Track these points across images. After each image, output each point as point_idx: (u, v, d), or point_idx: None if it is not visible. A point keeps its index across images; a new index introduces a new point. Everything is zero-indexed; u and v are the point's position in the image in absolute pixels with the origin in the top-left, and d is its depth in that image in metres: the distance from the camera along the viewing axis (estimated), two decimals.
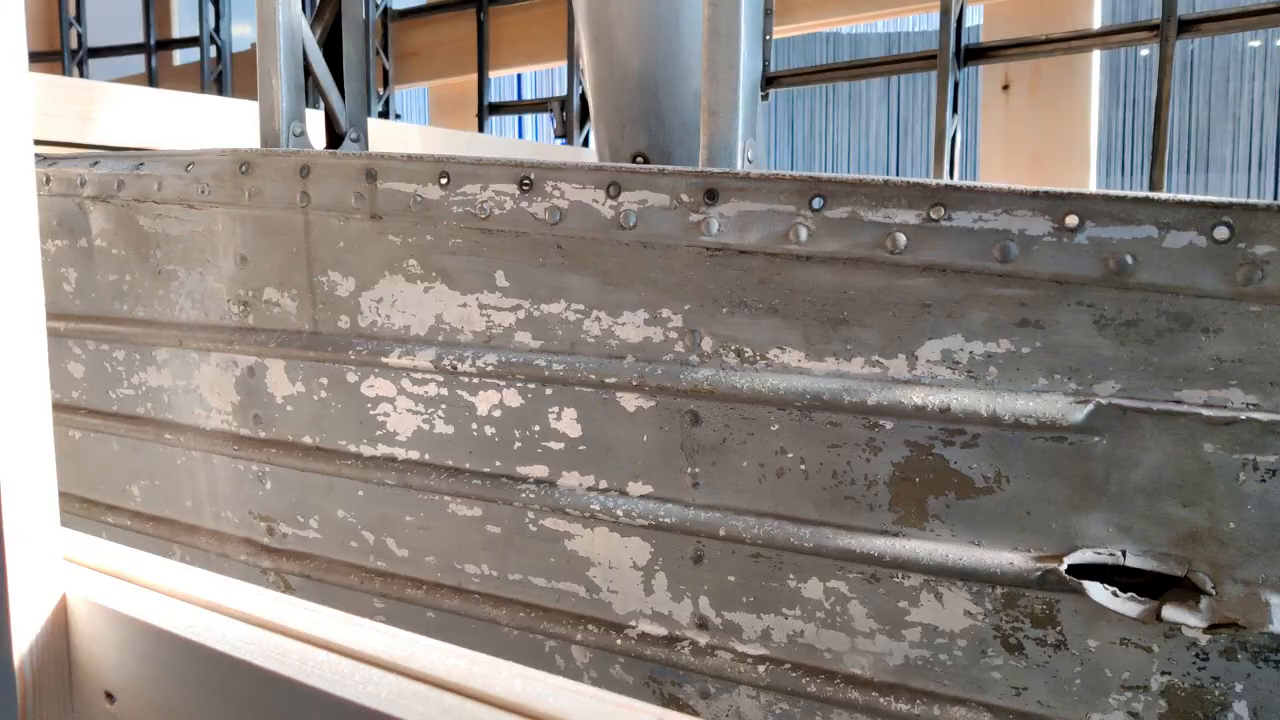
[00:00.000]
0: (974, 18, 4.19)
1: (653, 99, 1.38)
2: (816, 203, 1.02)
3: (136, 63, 6.87)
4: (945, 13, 3.48)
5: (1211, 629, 0.92)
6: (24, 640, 0.80)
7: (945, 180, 1.00)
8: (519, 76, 9.66)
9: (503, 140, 4.66)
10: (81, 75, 6.78)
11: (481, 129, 5.00)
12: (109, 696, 0.80)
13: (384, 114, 5.35)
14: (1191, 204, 0.88)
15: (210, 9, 6.12)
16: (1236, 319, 0.88)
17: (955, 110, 3.56)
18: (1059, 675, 0.99)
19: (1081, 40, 3.49)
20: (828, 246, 1.02)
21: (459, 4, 5.21)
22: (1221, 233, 0.87)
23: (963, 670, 1.03)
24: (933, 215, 0.97)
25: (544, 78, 9.77)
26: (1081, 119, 3.74)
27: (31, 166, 0.71)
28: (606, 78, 1.40)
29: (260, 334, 1.42)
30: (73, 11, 6.80)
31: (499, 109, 5.15)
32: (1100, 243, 0.92)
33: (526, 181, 1.17)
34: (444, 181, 1.22)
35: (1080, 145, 3.76)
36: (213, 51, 6.20)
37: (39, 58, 7.24)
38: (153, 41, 6.70)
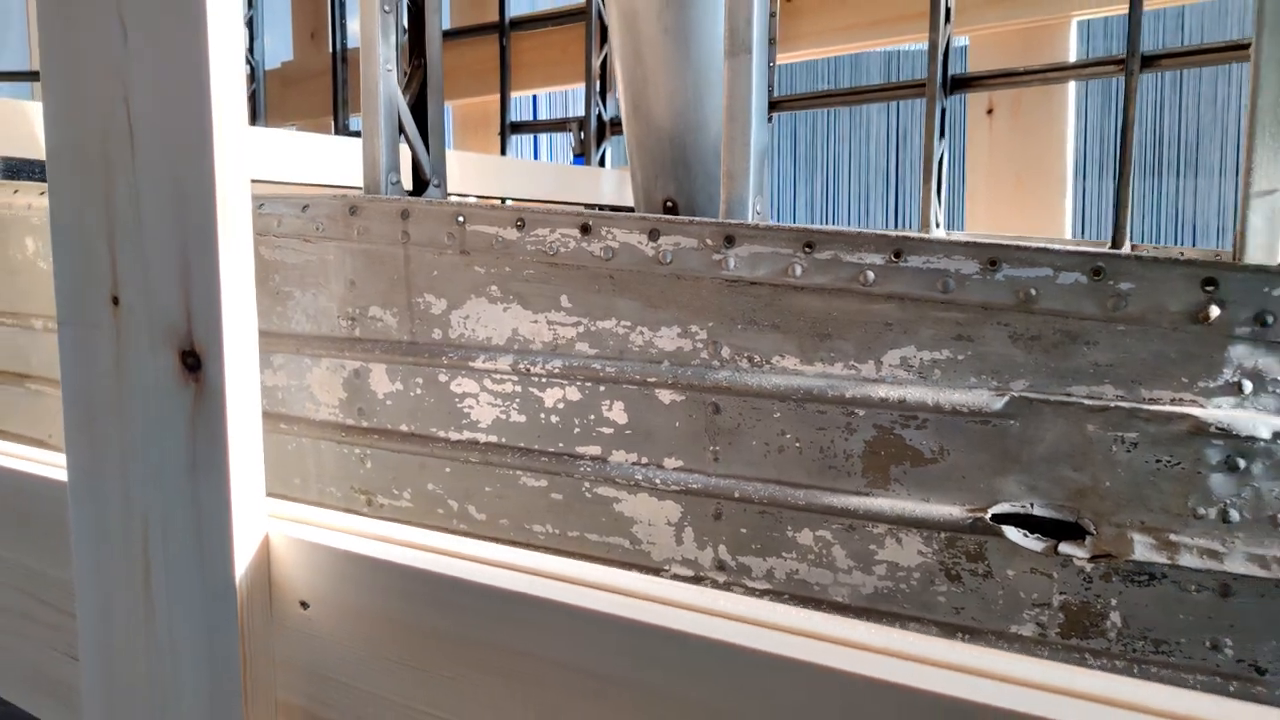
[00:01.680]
0: (963, 39, 4.54)
1: (681, 155, 1.73)
2: (808, 248, 1.37)
3: None
4: (933, 47, 3.84)
5: (1093, 559, 1.27)
6: (241, 567, 1.11)
7: (902, 232, 1.34)
8: (534, 97, 10.03)
9: (529, 163, 5.00)
10: None
11: (504, 147, 5.36)
12: (303, 605, 1.10)
13: None
14: (1076, 253, 1.24)
15: (244, 31, 6.47)
16: (1108, 335, 1.23)
17: (943, 135, 3.91)
18: (987, 597, 1.34)
19: (1057, 72, 3.84)
20: (816, 280, 1.37)
21: (481, 29, 5.57)
22: (1097, 273, 1.22)
23: (917, 596, 1.38)
24: (894, 258, 1.33)
25: (558, 97, 10.16)
26: (1059, 141, 4.09)
27: (249, 206, 1.00)
28: (644, 138, 1.76)
29: (366, 343, 1.77)
30: None
31: (519, 128, 5.51)
32: (1013, 279, 1.27)
33: (586, 227, 1.52)
34: (520, 225, 1.58)
35: (1058, 165, 4.11)
36: (246, 71, 6.55)
37: None
38: None
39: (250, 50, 6.47)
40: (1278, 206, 1.15)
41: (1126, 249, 3.48)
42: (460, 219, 1.63)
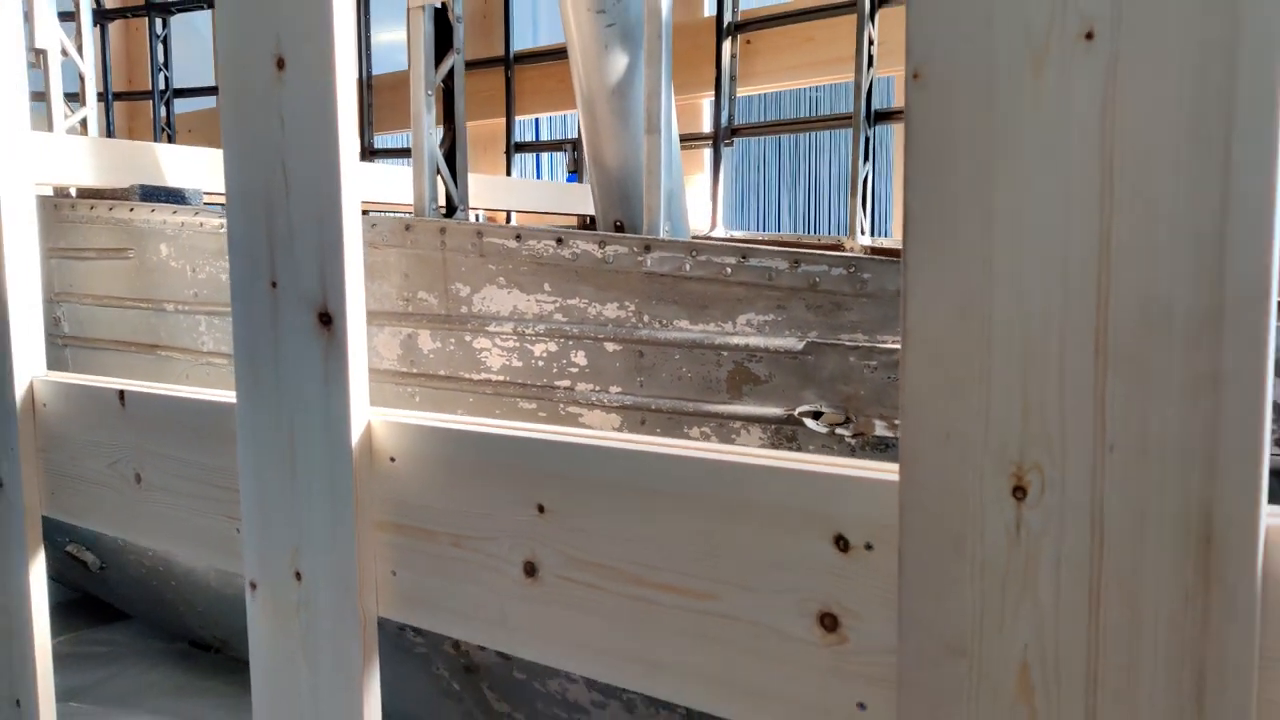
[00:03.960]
0: (891, 75, 5.42)
1: (625, 191, 2.62)
2: (693, 253, 2.25)
3: (214, 101, 8.14)
4: (857, 87, 4.72)
5: (854, 436, 2.15)
6: (354, 440, 1.65)
7: (745, 245, 2.22)
8: (536, 120, 10.96)
9: (534, 182, 5.89)
10: (168, 113, 8.06)
11: (509, 164, 6.25)
12: (391, 459, 1.38)
13: None
14: (840, 257, 2.12)
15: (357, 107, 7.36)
16: (858, 305, 2.11)
17: (867, 158, 4.79)
18: None
19: None
20: (698, 273, 2.25)
21: (490, 62, 6.47)
22: (851, 269, 2.11)
23: None
24: (742, 259, 2.21)
25: (557, 120, 11.09)
26: None
27: (360, 225, 1.89)
28: (601, 179, 2.65)
29: (415, 316, 2.66)
30: (161, 58, 8.06)
31: (522, 148, 6.40)
32: (808, 272, 2.15)
33: (560, 239, 2.41)
34: (518, 238, 2.46)
35: None
36: None
37: (130, 97, 8.52)
38: None
39: None
40: None
41: None
42: (479, 233, 2.52)
